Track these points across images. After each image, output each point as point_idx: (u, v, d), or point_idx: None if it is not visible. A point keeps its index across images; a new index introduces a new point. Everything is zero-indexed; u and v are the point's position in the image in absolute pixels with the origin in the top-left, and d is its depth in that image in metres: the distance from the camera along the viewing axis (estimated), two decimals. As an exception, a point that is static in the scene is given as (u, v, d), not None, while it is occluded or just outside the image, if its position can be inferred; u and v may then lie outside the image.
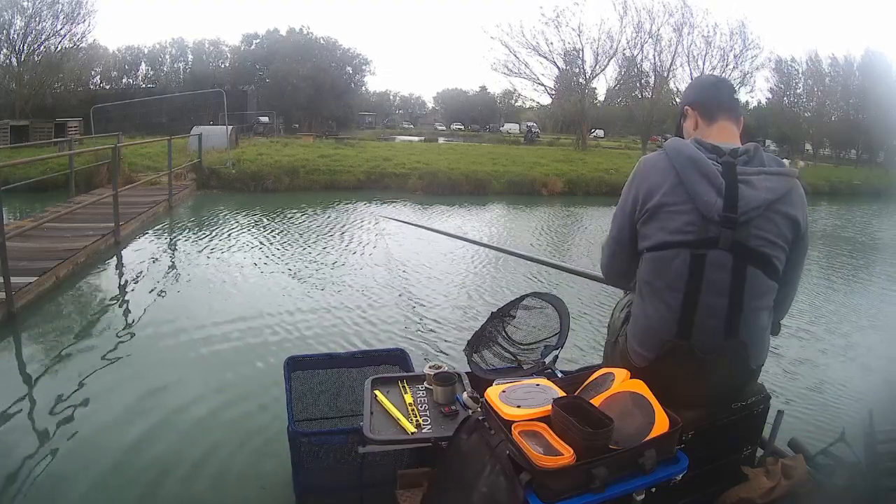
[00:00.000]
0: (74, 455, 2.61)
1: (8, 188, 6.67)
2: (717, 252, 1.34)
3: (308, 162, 14.02)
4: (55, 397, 3.14)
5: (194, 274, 5.85)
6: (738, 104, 1.58)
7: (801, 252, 1.45)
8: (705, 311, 1.36)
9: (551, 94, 31.71)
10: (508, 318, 2.05)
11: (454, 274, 6.23)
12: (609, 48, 27.55)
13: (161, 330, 4.21)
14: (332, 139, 25.21)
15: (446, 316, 4.81)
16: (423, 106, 69.18)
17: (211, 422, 2.95)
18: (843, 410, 3.38)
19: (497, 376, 1.81)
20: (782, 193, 1.36)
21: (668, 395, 1.32)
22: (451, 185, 13.69)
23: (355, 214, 10.26)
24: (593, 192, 15.20)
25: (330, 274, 6.05)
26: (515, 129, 45.47)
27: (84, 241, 6.00)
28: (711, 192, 1.33)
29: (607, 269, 1.63)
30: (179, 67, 39.30)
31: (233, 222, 8.90)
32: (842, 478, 1.64)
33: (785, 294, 1.47)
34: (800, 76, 34.00)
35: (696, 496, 1.46)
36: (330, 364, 2.31)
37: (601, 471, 1.16)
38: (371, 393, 1.75)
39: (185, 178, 11.79)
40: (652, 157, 1.46)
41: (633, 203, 1.45)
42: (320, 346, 3.99)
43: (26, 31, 23.75)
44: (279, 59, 37.77)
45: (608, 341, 1.73)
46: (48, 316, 4.45)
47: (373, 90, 52.97)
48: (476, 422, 1.37)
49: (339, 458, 1.90)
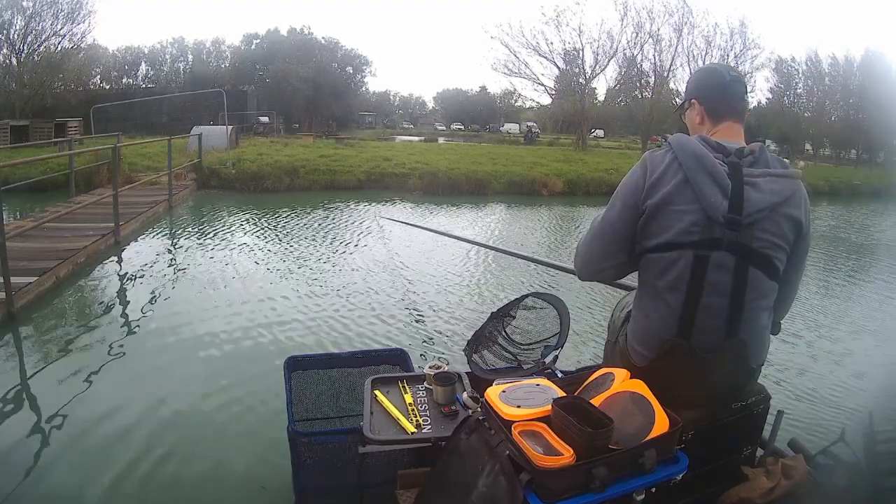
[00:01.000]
0: (74, 455, 2.61)
1: (8, 188, 6.67)
2: (721, 254, 1.33)
3: (308, 162, 14.03)
4: (55, 397, 3.15)
5: (194, 274, 5.85)
6: (747, 105, 1.55)
7: (803, 252, 1.45)
8: (706, 312, 1.36)
9: (551, 94, 31.77)
10: (508, 319, 2.05)
11: (454, 274, 6.23)
12: (609, 48, 27.60)
13: (161, 330, 4.21)
14: (332, 139, 25.21)
15: (446, 316, 4.81)
16: (423, 106, 69.22)
17: (211, 422, 2.95)
18: (843, 410, 3.38)
19: (497, 376, 1.81)
20: (787, 196, 1.36)
21: (668, 394, 1.32)
22: (451, 185, 13.69)
23: (355, 214, 10.26)
24: (593, 192, 15.19)
25: (330, 274, 6.05)
26: (515, 129, 45.46)
27: (84, 241, 6.01)
28: (717, 193, 1.32)
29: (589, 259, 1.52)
30: (179, 67, 39.28)
31: (233, 222, 8.90)
32: (842, 478, 1.64)
33: (786, 294, 1.47)
34: (800, 76, 34.02)
35: (696, 496, 1.46)
36: (330, 364, 2.30)
37: (601, 471, 1.16)
38: (371, 393, 1.75)
39: (186, 178, 11.79)
40: (658, 154, 1.43)
41: (635, 195, 1.40)
42: (320, 346, 3.99)
43: (26, 31, 23.77)
44: (279, 59, 37.76)
45: (608, 341, 1.73)
46: (48, 316, 4.45)
47: (373, 90, 53.01)
48: (476, 422, 1.37)
49: (339, 458, 1.89)
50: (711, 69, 1.58)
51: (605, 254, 1.48)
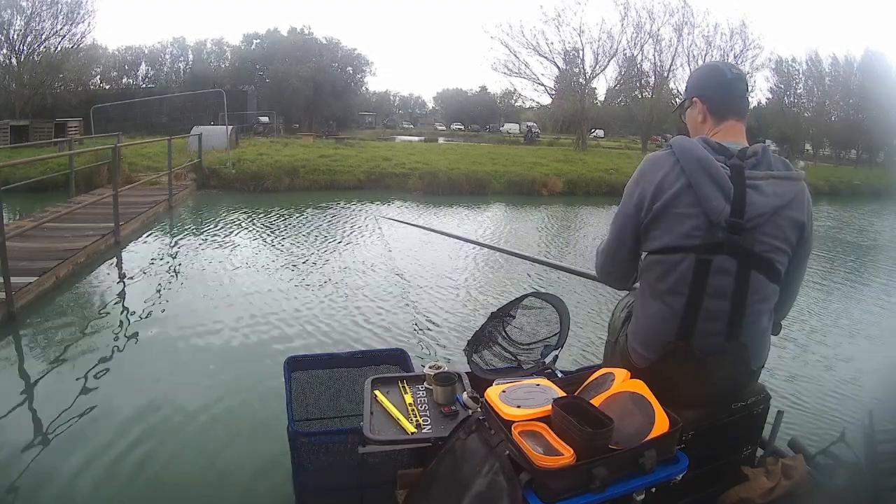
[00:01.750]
0: (74, 455, 2.60)
1: (8, 188, 6.66)
2: (723, 257, 1.33)
3: (308, 162, 14.02)
4: (55, 397, 3.15)
5: (194, 274, 5.84)
6: (748, 103, 1.53)
7: (804, 254, 1.44)
8: (707, 315, 1.36)
9: (551, 94, 31.75)
10: (508, 318, 2.04)
11: (454, 274, 6.23)
12: (609, 48, 27.62)
13: (161, 330, 4.21)
14: (332, 139, 25.20)
15: (446, 316, 4.81)
16: (423, 106, 69.23)
17: (211, 422, 2.95)
18: (843, 410, 3.38)
19: (497, 376, 1.81)
20: (790, 199, 1.35)
21: (668, 395, 1.32)
22: (451, 185, 13.69)
23: (355, 214, 10.26)
24: (593, 192, 15.20)
25: (330, 274, 6.05)
26: (515, 129, 45.47)
27: (84, 241, 6.01)
28: (720, 197, 1.31)
29: (607, 269, 1.59)
30: (180, 67, 39.29)
31: (233, 222, 8.89)
32: (842, 478, 1.64)
33: (787, 295, 1.47)
34: (800, 76, 34.04)
35: (696, 496, 1.46)
36: (330, 364, 2.30)
37: (601, 471, 1.16)
38: (371, 393, 1.75)
39: (186, 178, 11.79)
40: (659, 157, 1.42)
41: (638, 202, 1.41)
42: (320, 346, 3.99)
43: (26, 31, 23.78)
44: (279, 59, 37.77)
45: (608, 341, 1.73)
46: (48, 316, 4.45)
47: (373, 90, 53.10)
48: (476, 422, 1.37)
49: (339, 458, 1.89)
50: (713, 67, 1.57)
51: (627, 273, 1.55)
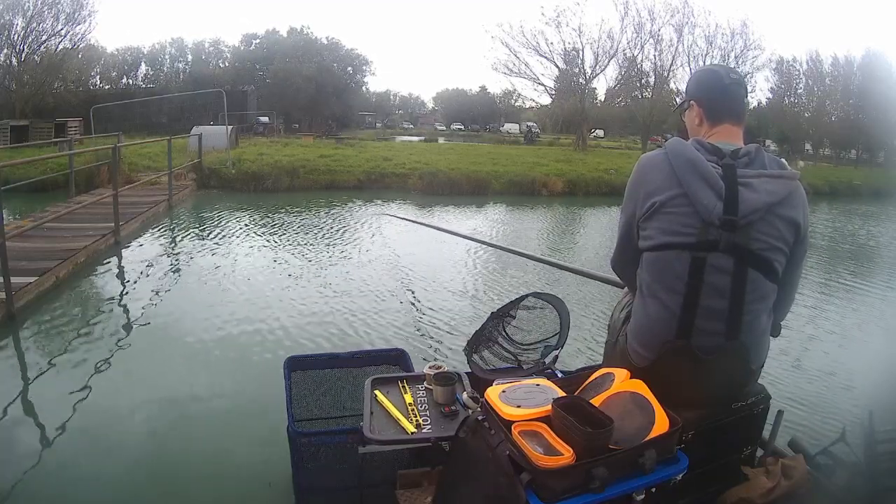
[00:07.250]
0: (74, 455, 2.61)
1: (8, 188, 6.65)
2: (718, 255, 1.34)
3: (308, 162, 14.03)
4: (55, 397, 3.15)
5: (194, 274, 5.84)
6: (746, 107, 1.55)
7: (801, 254, 1.45)
8: (706, 314, 1.36)
9: (551, 94, 31.75)
10: (508, 318, 2.04)
11: (454, 273, 6.23)
12: (609, 48, 27.60)
13: (161, 330, 4.21)
14: (332, 139, 25.22)
15: (446, 316, 4.81)
16: (423, 106, 69.16)
17: (211, 422, 2.96)
18: (844, 410, 3.37)
19: (497, 376, 1.81)
20: (783, 196, 1.35)
21: (668, 395, 1.32)
22: (451, 185, 13.68)
23: (355, 214, 10.27)
24: (593, 192, 15.20)
25: (330, 274, 6.05)
26: (515, 129, 45.45)
27: (84, 241, 6.00)
28: (711, 196, 1.33)
29: (618, 263, 1.64)
30: (179, 67, 39.34)
31: (233, 222, 8.89)
32: (842, 478, 1.64)
33: (785, 295, 1.47)
34: (800, 76, 34.04)
35: (696, 496, 1.46)
36: (330, 364, 2.31)
37: (601, 471, 1.16)
38: (371, 393, 1.75)
39: (186, 178, 11.79)
40: (652, 157, 1.45)
41: (634, 201, 1.46)
42: (320, 346, 3.99)
43: (27, 32, 23.82)
44: (279, 59, 37.77)
45: (608, 341, 1.73)
46: (48, 316, 4.45)
47: (373, 90, 52.97)
48: (476, 422, 1.37)
49: (339, 458, 1.89)
50: (711, 71, 1.58)
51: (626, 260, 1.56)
